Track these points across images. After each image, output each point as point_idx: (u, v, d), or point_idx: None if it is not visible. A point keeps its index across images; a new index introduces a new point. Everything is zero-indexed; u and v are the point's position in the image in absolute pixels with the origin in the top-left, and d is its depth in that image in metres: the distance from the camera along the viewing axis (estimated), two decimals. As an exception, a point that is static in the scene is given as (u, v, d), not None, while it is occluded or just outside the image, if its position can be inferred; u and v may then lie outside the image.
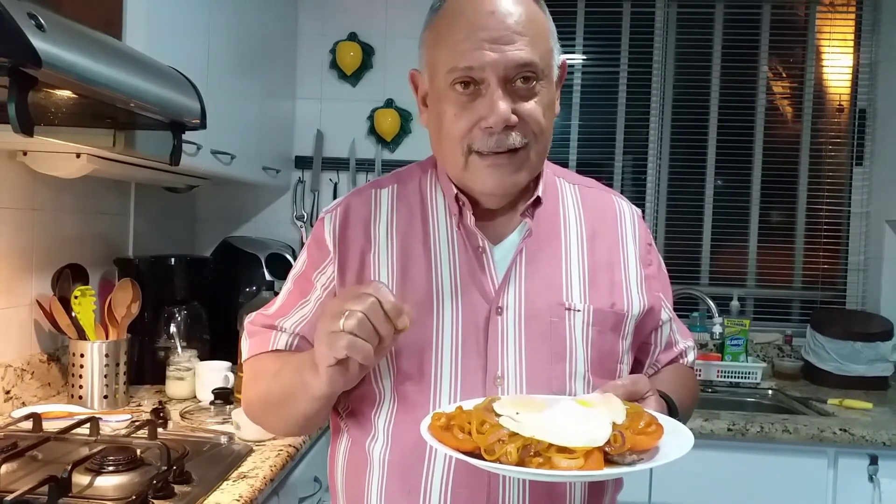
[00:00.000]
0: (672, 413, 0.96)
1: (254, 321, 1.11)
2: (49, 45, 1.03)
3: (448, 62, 0.94)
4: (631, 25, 2.85)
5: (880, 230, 2.70)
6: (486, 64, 0.92)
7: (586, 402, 0.85)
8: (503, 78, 0.93)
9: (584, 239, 1.05)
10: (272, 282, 2.05)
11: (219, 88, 1.91)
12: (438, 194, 1.06)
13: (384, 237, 1.03)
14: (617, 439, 0.78)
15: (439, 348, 0.97)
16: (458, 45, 0.93)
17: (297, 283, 1.08)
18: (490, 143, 0.94)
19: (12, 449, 1.30)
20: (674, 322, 1.15)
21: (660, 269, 1.13)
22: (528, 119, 0.95)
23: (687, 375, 1.17)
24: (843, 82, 2.84)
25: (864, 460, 1.97)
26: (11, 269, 1.70)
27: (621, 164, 2.88)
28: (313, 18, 2.73)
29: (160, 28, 1.62)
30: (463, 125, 0.95)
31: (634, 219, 1.11)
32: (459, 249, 1.02)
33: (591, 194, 1.11)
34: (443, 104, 0.97)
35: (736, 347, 2.56)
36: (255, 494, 1.29)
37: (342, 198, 1.10)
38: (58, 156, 1.63)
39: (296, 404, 0.97)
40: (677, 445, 0.81)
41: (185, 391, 1.91)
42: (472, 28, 0.93)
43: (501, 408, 0.82)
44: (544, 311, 0.99)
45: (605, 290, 1.03)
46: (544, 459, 0.76)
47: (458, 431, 0.81)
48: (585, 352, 0.99)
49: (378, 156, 2.74)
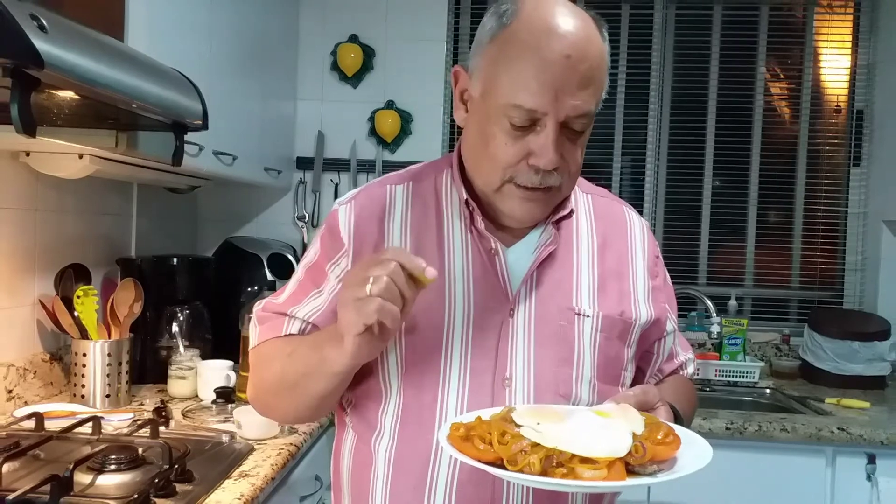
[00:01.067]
0: (678, 423, 0.96)
1: (264, 308, 1.10)
2: (51, 47, 1.03)
3: (511, 95, 0.92)
4: (629, 27, 2.86)
5: (878, 230, 2.71)
6: (549, 109, 0.91)
7: (604, 413, 0.85)
8: (561, 123, 0.92)
9: (595, 247, 1.06)
10: (273, 282, 2.06)
11: (220, 89, 1.92)
12: (454, 195, 1.05)
13: (398, 233, 1.03)
14: (638, 450, 0.79)
15: (449, 348, 0.98)
16: (526, 82, 0.91)
17: (308, 273, 1.07)
18: (534, 179, 0.95)
19: (14, 448, 1.31)
20: (676, 334, 1.16)
21: (665, 281, 1.14)
22: (570, 161, 0.97)
23: (687, 387, 1.19)
24: (841, 83, 2.84)
25: (862, 459, 1.98)
26: (14, 269, 1.71)
27: (620, 165, 2.88)
28: (314, 20, 2.74)
29: (162, 29, 1.63)
30: (511, 155, 0.94)
31: (644, 230, 1.12)
32: (472, 251, 1.02)
33: (603, 204, 1.12)
34: (493, 126, 0.95)
35: (734, 347, 2.57)
36: (256, 493, 1.30)
37: (357, 190, 1.09)
38: (60, 156, 1.64)
39: (312, 384, 0.96)
40: (696, 457, 0.83)
41: (187, 390, 1.92)
42: (543, 69, 0.90)
43: (521, 418, 0.83)
44: (554, 315, 1.00)
45: (613, 298, 1.03)
46: (567, 470, 0.77)
47: (479, 442, 0.81)
48: (592, 357, 1.00)
49: (379, 157, 2.75)
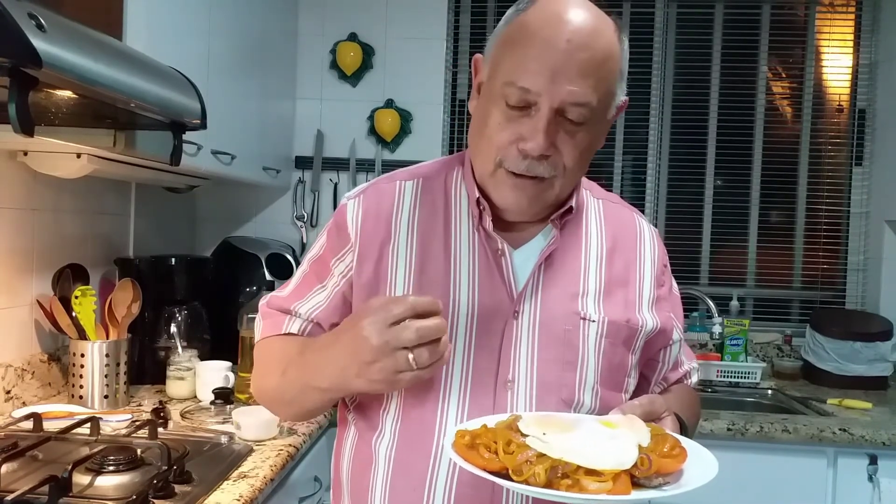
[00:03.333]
0: (684, 433, 0.96)
1: (269, 303, 1.11)
2: (50, 46, 1.03)
3: (509, 73, 0.92)
4: (631, 26, 2.84)
5: (880, 230, 2.71)
6: (543, 91, 0.90)
7: (610, 423, 0.84)
8: (556, 109, 0.91)
9: (604, 253, 1.05)
10: (272, 282, 2.05)
11: (219, 89, 1.91)
12: (463, 194, 1.05)
13: (405, 231, 1.03)
14: (644, 462, 0.78)
15: (452, 348, 0.97)
16: (525, 62, 0.91)
17: (313, 267, 1.08)
18: (521, 165, 0.94)
19: (13, 449, 1.30)
20: (682, 343, 1.16)
21: (672, 290, 1.14)
22: (564, 153, 0.94)
23: (692, 397, 1.18)
24: (843, 82, 2.84)
25: (864, 460, 1.97)
26: (12, 269, 1.70)
27: (621, 165, 2.88)
28: (313, 19, 2.73)
29: (160, 28, 1.62)
30: (504, 137, 0.94)
31: (654, 239, 1.12)
32: (479, 251, 1.01)
33: (614, 210, 1.11)
34: (492, 106, 0.95)
35: (735, 347, 2.56)
36: (255, 494, 1.29)
37: (365, 185, 1.09)
38: (58, 156, 1.63)
39: (308, 401, 1.00)
40: (702, 470, 0.81)
41: (186, 391, 1.91)
42: (544, 50, 0.90)
43: (527, 427, 0.82)
44: (559, 319, 0.99)
45: (619, 304, 1.03)
46: (573, 482, 0.76)
47: (484, 450, 0.80)
48: (597, 362, 1.00)
49: (378, 156, 2.74)
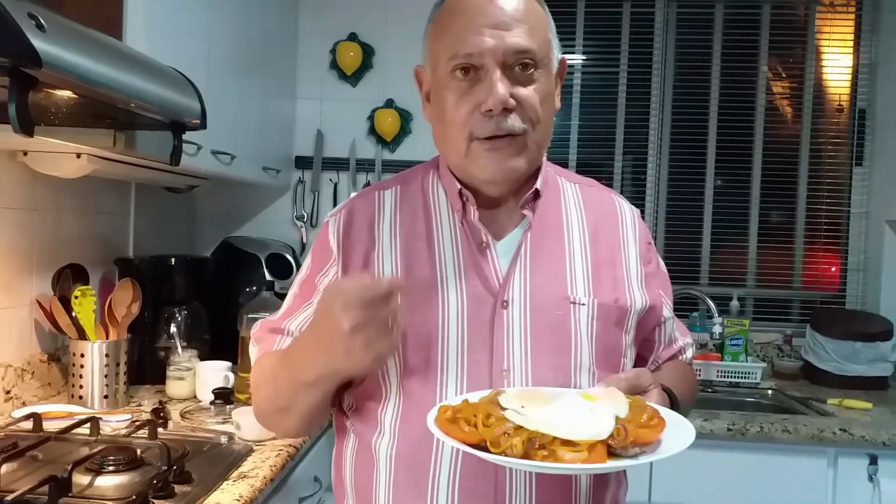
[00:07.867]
0: (675, 406, 0.96)
1: (261, 327, 1.13)
2: (49, 46, 1.03)
3: (449, 50, 0.97)
4: (631, 25, 2.85)
5: (880, 230, 2.70)
6: (486, 49, 0.94)
7: (590, 396, 0.86)
8: (502, 63, 0.95)
9: (587, 236, 1.06)
10: (272, 282, 2.05)
11: (219, 88, 1.91)
12: (440, 192, 1.07)
13: (388, 237, 1.04)
14: (620, 432, 0.79)
15: (445, 343, 0.98)
16: (459, 32, 0.96)
17: (301, 288, 1.10)
18: (490, 126, 0.96)
19: (12, 449, 1.30)
20: (674, 319, 1.16)
21: (658, 267, 1.14)
22: (526, 104, 0.97)
23: (686, 371, 1.19)
24: (843, 82, 2.84)
25: (864, 460, 1.97)
26: (12, 269, 1.70)
27: (621, 165, 2.88)
28: (313, 19, 2.73)
29: (160, 28, 1.62)
30: (463, 111, 0.97)
31: (634, 218, 1.13)
32: (463, 245, 1.02)
33: (592, 193, 1.13)
34: (444, 92, 0.99)
35: (736, 347, 2.56)
36: (255, 494, 1.29)
37: (346, 201, 1.12)
38: (58, 156, 1.63)
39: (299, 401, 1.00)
40: (679, 439, 0.82)
41: (186, 391, 1.91)
42: (472, 15, 0.96)
43: (507, 401, 0.83)
44: (549, 305, 1.00)
45: (608, 285, 1.03)
46: (549, 452, 0.78)
47: (465, 424, 0.82)
48: (590, 345, 1.00)
49: (378, 156, 2.74)
